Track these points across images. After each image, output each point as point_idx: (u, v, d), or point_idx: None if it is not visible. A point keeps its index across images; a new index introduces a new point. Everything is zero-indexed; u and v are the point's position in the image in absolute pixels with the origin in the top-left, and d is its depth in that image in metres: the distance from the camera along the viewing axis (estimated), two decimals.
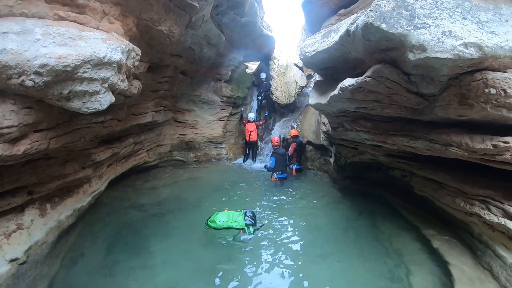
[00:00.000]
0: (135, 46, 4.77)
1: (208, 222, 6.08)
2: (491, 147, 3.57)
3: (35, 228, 4.73)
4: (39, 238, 4.67)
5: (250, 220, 6.12)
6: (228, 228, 5.99)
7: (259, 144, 12.43)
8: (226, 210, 6.39)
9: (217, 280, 4.64)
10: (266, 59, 13.70)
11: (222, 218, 6.08)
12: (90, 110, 3.84)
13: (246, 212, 6.33)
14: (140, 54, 5.02)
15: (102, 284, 4.54)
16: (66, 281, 4.57)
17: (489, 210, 4.16)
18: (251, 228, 6.00)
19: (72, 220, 5.62)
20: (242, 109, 12.77)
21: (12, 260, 4.13)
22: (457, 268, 4.29)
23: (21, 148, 3.71)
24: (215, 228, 5.98)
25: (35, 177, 4.70)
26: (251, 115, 12.18)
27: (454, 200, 4.80)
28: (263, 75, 13.32)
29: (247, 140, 12.02)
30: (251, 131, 11.85)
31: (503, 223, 3.90)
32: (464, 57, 3.16)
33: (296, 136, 10.49)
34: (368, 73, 4.11)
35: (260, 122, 12.46)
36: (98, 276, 4.71)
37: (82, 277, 4.67)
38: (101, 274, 4.75)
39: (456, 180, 4.81)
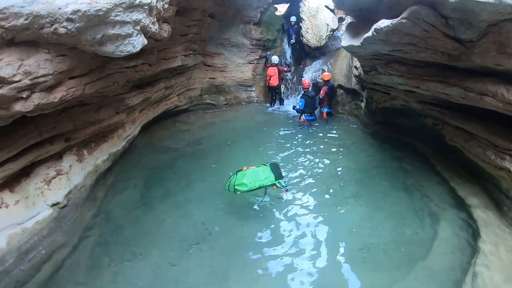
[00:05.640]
0: None
1: (236, 187, 5.25)
2: None
3: (74, 173, 5.01)
4: (78, 182, 4.98)
5: (278, 173, 5.58)
6: (260, 187, 5.39)
7: (282, 89, 12.18)
8: (245, 169, 5.51)
9: (249, 222, 4.97)
10: (295, 1, 13.03)
11: (251, 178, 5.32)
12: (124, 53, 3.92)
13: (271, 165, 5.68)
14: None
15: (141, 220, 4.93)
16: (106, 219, 4.98)
17: None
18: (282, 181, 5.55)
19: (109, 164, 5.91)
20: (268, 53, 12.33)
21: (53, 205, 4.45)
22: (482, 222, 4.29)
23: (57, 95, 3.87)
24: (246, 191, 5.29)
25: (71, 124, 4.90)
26: (274, 58, 11.79)
27: (484, 152, 4.68)
28: (293, 18, 12.70)
29: (268, 85, 11.86)
30: (271, 76, 11.56)
31: None
32: (505, 2, 2.92)
33: (328, 80, 10.30)
34: (404, 15, 3.92)
35: (285, 69, 12.16)
36: (136, 213, 5.11)
37: (121, 215, 5.07)
38: (139, 212, 5.15)
39: (489, 132, 4.65)
